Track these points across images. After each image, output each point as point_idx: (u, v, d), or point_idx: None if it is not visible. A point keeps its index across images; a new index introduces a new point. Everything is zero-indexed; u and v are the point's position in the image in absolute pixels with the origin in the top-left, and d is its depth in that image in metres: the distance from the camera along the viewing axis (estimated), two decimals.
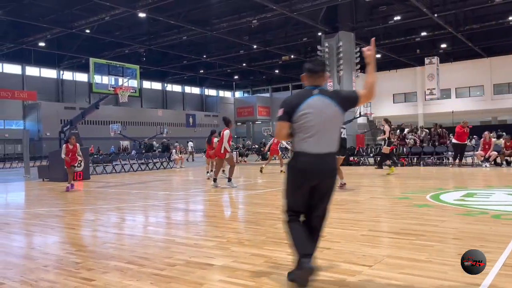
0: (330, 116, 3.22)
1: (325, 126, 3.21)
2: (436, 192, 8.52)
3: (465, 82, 41.51)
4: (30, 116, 39.87)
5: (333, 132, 3.27)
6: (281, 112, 3.27)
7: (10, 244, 5.31)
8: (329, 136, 3.25)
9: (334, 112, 3.24)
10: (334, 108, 3.23)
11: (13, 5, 26.30)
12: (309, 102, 3.20)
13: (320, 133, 3.20)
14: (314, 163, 3.19)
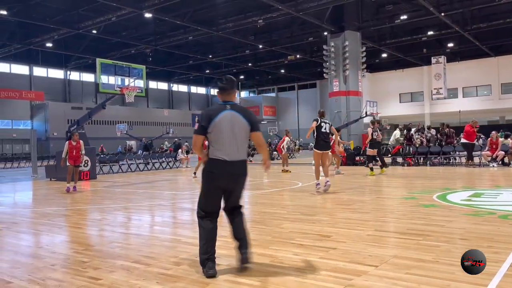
0: (240, 128, 3.71)
1: (235, 137, 3.69)
2: (443, 192, 8.48)
3: (472, 82, 41.22)
4: (37, 116, 40.17)
5: (242, 142, 3.74)
6: (197, 126, 3.76)
7: (18, 243, 5.35)
8: (239, 145, 3.71)
9: (243, 125, 3.73)
10: (243, 122, 3.73)
11: (21, 6, 26.51)
12: (222, 115, 3.68)
13: (231, 143, 3.67)
14: (226, 169, 3.65)
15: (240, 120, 3.73)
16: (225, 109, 3.73)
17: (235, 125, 3.71)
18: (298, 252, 4.33)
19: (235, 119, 3.71)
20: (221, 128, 3.66)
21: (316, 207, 7.28)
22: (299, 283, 3.39)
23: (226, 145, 3.66)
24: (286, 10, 26.14)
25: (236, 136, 3.69)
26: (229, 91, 3.86)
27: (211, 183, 3.70)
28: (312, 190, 9.43)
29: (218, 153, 3.66)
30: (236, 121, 3.72)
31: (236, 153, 3.69)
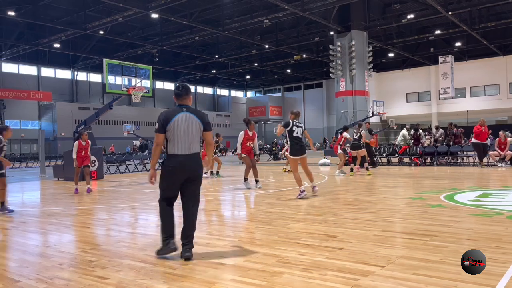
0: (193, 127, 4.32)
1: (190, 135, 4.29)
2: (451, 192, 8.42)
3: (480, 81, 40.91)
4: (45, 116, 40.47)
5: (195, 139, 4.34)
6: (157, 125, 4.31)
7: (26, 243, 5.40)
8: (193, 141, 4.32)
9: (197, 124, 4.35)
10: (197, 121, 4.35)
11: (29, 7, 26.74)
12: (178, 116, 4.30)
13: (186, 140, 4.27)
14: (182, 162, 4.25)
15: (194, 120, 4.34)
16: (181, 111, 4.35)
17: (190, 124, 4.30)
18: (305, 252, 4.32)
19: (189, 119, 4.32)
20: (177, 127, 4.24)
21: (322, 207, 7.26)
22: (306, 283, 3.39)
23: (182, 142, 4.25)
24: (292, 10, 26.12)
25: (190, 134, 4.29)
26: (184, 97, 4.46)
27: (170, 174, 4.26)
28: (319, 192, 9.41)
29: (175, 149, 4.25)
30: (191, 121, 4.32)
31: (190, 148, 4.29)
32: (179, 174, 4.25)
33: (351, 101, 32.38)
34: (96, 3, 26.03)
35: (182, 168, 4.24)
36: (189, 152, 4.28)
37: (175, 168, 4.23)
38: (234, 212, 7.76)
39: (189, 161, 4.27)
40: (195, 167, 4.32)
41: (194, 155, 4.31)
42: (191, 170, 4.28)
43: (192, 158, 4.30)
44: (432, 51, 39.18)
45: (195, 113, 4.41)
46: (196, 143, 4.34)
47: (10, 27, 31.59)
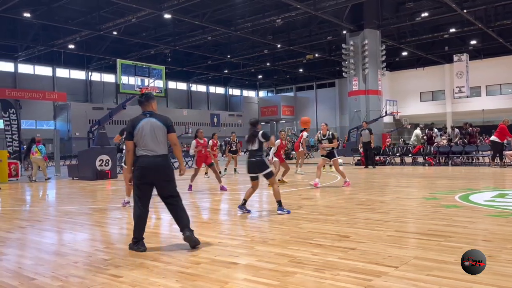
0: (158, 131, 4.69)
1: (155, 137, 4.67)
2: (465, 193, 8.31)
3: (496, 80, 40.23)
4: (60, 116, 40.99)
5: (161, 141, 4.70)
6: (125, 133, 4.81)
7: (41, 241, 5.48)
8: (159, 143, 4.69)
9: (160, 128, 4.71)
10: (160, 125, 4.72)
11: (44, 8, 27.12)
12: (143, 122, 4.70)
13: (152, 142, 4.65)
14: (151, 162, 4.62)
15: (158, 124, 4.71)
16: (145, 117, 4.75)
17: (154, 128, 4.68)
18: (317, 252, 4.31)
19: (153, 124, 4.70)
20: (143, 132, 4.65)
21: (334, 207, 7.23)
22: (318, 283, 3.38)
23: (149, 144, 4.64)
24: (304, 9, 26.02)
25: (156, 137, 4.67)
26: (146, 104, 4.84)
27: (140, 175, 4.64)
28: (327, 190, 9.38)
29: (143, 151, 4.65)
30: (155, 126, 4.70)
31: (157, 149, 4.66)
32: (147, 175, 4.62)
33: (364, 101, 32.14)
34: (109, 4, 26.28)
35: (150, 169, 4.61)
36: (157, 154, 4.65)
37: (143, 168, 4.62)
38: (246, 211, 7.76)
39: (157, 162, 4.64)
40: (163, 168, 4.68)
41: (161, 156, 4.67)
42: (160, 171, 4.65)
43: (159, 159, 4.65)
44: (446, 49, 38.66)
45: (158, 117, 4.78)
46: (162, 145, 4.71)
47: (25, 28, 32.07)
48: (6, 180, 15.18)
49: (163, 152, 4.70)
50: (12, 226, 6.43)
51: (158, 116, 4.81)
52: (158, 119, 4.77)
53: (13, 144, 17.97)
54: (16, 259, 4.63)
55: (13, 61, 38.21)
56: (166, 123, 4.78)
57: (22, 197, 11.23)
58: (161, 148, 4.70)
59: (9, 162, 15.91)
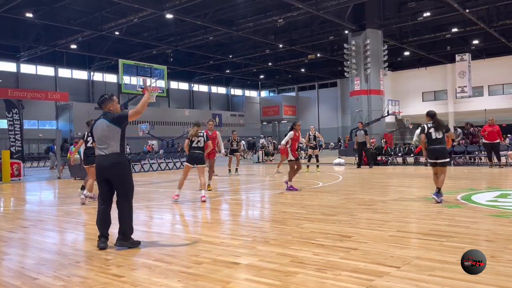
0: (107, 130, 4.80)
1: (103, 137, 4.83)
2: (468, 193, 8.30)
3: (499, 79, 40.13)
4: (62, 116, 41.07)
5: (111, 139, 4.80)
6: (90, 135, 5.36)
7: (43, 241, 5.49)
8: (109, 142, 4.80)
9: (109, 126, 4.80)
10: (108, 124, 4.81)
11: (46, 9, 27.18)
12: (96, 123, 4.96)
13: (103, 141, 4.83)
14: (101, 161, 4.82)
15: (104, 124, 4.84)
16: (99, 118, 4.96)
17: (103, 128, 4.82)
18: (319, 252, 4.31)
19: (101, 124, 4.86)
20: (96, 132, 4.90)
21: (336, 207, 7.22)
22: (320, 284, 3.38)
23: (101, 144, 4.85)
24: (306, 9, 26.01)
25: (103, 137, 4.81)
26: (102, 106, 4.98)
27: (98, 173, 4.89)
28: (328, 190, 9.37)
29: (97, 151, 4.90)
30: (102, 125, 4.84)
31: (108, 148, 4.79)
32: (100, 173, 4.85)
33: (366, 101, 32.11)
34: (111, 4, 26.32)
35: (101, 167, 4.82)
36: (107, 153, 4.79)
37: (99, 167, 4.86)
38: (248, 211, 7.77)
39: (106, 161, 4.77)
40: (112, 166, 4.77)
41: (110, 155, 4.78)
42: (109, 170, 4.77)
43: (108, 159, 4.77)
44: (448, 49, 38.60)
45: (106, 117, 4.89)
46: (111, 144, 4.79)
47: (28, 28, 32.16)
48: (8, 180, 15.22)
49: (113, 151, 4.78)
50: (14, 226, 6.45)
51: (106, 115, 4.88)
52: (105, 118, 4.87)
53: (16, 144, 18.03)
54: (18, 258, 4.65)
55: (16, 61, 38.32)
56: (112, 120, 4.81)
57: (25, 196, 11.25)
58: (111, 147, 4.78)
59: (12, 162, 15.96)
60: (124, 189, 4.85)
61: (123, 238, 4.79)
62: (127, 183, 4.86)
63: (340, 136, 45.43)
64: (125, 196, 4.87)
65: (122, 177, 4.82)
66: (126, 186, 4.85)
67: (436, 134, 7.46)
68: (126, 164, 4.88)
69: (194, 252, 4.49)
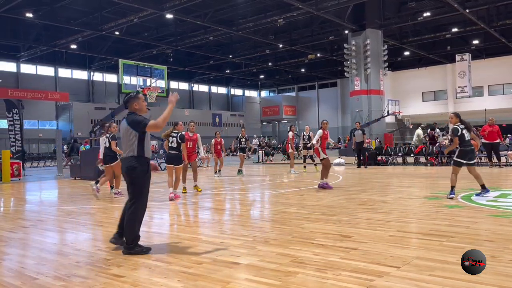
0: (125, 132, 4.73)
1: (123, 139, 4.76)
2: (468, 193, 8.31)
3: (499, 79, 40.12)
4: (62, 116, 41.07)
5: (128, 142, 4.70)
6: None
7: (44, 241, 5.50)
8: (127, 145, 4.71)
9: (126, 129, 4.71)
10: (125, 126, 4.72)
11: (46, 9, 27.18)
12: (121, 123, 4.89)
13: (122, 143, 4.80)
14: (122, 162, 4.85)
15: (125, 125, 4.73)
16: (123, 119, 4.84)
17: (123, 130, 4.75)
18: (319, 252, 4.31)
19: (124, 125, 4.76)
20: (120, 133, 4.89)
21: (337, 207, 7.22)
22: (320, 284, 3.38)
23: (122, 145, 4.81)
24: (306, 9, 26.01)
25: (123, 138, 4.76)
26: (127, 105, 4.84)
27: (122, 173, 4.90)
28: (328, 191, 9.37)
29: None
30: (124, 127, 4.75)
31: (126, 151, 4.72)
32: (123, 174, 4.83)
33: (366, 100, 32.12)
34: (111, 4, 26.32)
35: (122, 168, 4.83)
36: (124, 156, 4.75)
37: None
38: (248, 211, 7.77)
39: (124, 163, 4.75)
40: (126, 169, 4.70)
41: (127, 158, 4.70)
42: (124, 172, 4.73)
43: (125, 161, 4.74)
44: (448, 49, 38.59)
45: (127, 118, 4.78)
46: (129, 146, 4.68)
47: (28, 28, 32.15)
48: (8, 180, 15.22)
49: (128, 154, 4.68)
50: (14, 226, 6.45)
51: (127, 116, 4.78)
52: (125, 119, 4.77)
53: (16, 144, 18.02)
54: (18, 258, 4.65)
55: (16, 61, 38.31)
56: (129, 120, 4.71)
57: (25, 197, 11.26)
58: (128, 150, 4.68)
59: (12, 162, 15.96)
60: (133, 193, 4.66)
61: (125, 245, 4.57)
62: (136, 187, 4.64)
63: (340, 136, 45.43)
64: (132, 200, 4.67)
65: (132, 181, 4.65)
66: (135, 190, 4.64)
67: (468, 135, 7.60)
68: (139, 168, 4.63)
69: (194, 252, 4.49)
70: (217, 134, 14.58)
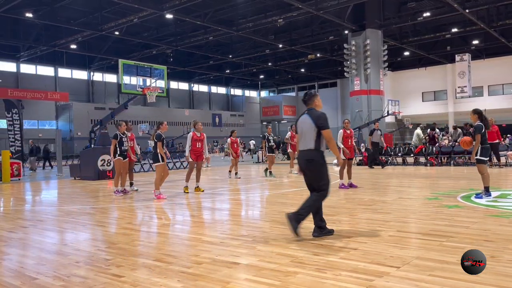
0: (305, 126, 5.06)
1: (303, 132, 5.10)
2: (468, 193, 8.30)
3: (498, 79, 40.13)
4: (62, 116, 41.09)
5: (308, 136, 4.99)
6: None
7: (43, 241, 5.49)
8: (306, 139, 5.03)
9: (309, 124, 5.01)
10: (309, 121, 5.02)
11: (46, 9, 27.18)
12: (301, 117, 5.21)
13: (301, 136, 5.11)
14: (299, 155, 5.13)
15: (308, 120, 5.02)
16: (303, 114, 5.17)
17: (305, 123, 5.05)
18: (318, 252, 4.31)
19: (306, 119, 5.06)
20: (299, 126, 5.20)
21: (336, 207, 7.23)
22: (320, 283, 3.38)
23: (300, 138, 5.11)
24: (306, 9, 26.01)
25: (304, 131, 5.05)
26: (308, 102, 5.18)
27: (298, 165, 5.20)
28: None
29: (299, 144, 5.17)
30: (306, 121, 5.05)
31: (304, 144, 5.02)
32: (299, 165, 5.12)
33: (366, 101, 32.12)
34: (111, 4, 26.32)
35: (299, 160, 5.12)
36: (303, 148, 5.02)
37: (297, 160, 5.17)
38: (248, 211, 7.77)
39: (302, 156, 5.05)
40: (306, 162, 4.98)
41: (306, 151, 4.98)
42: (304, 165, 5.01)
43: (304, 154, 5.01)
44: (448, 49, 38.60)
45: (310, 113, 5.06)
46: (307, 140, 4.97)
47: (27, 28, 32.16)
48: (8, 180, 15.22)
49: (308, 147, 4.95)
50: (14, 226, 6.45)
51: (310, 113, 5.05)
52: (309, 115, 5.03)
53: (16, 144, 18.02)
54: (18, 258, 4.64)
55: (15, 61, 38.32)
56: (314, 118, 4.97)
57: (25, 197, 11.26)
58: (307, 144, 4.96)
59: (12, 162, 15.95)
60: (319, 184, 4.98)
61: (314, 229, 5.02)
62: (321, 179, 4.96)
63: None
64: (317, 190, 5.00)
65: (314, 173, 4.96)
66: (320, 181, 4.96)
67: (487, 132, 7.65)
68: (319, 161, 4.94)
69: (194, 252, 4.49)
70: (234, 133, 13.98)
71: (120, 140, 10.00)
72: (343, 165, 9.90)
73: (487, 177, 7.60)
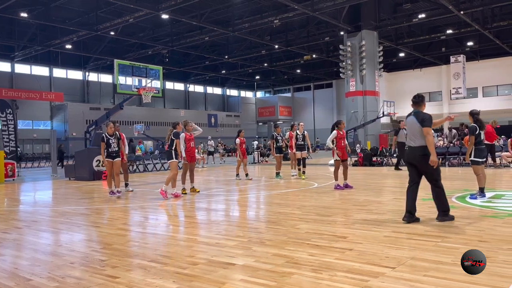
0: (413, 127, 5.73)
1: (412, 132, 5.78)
2: (462, 194, 8.34)
3: (493, 81, 40.38)
4: (57, 116, 40.89)
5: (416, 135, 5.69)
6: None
7: (38, 241, 5.46)
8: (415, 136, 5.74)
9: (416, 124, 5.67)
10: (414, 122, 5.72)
11: (41, 8, 27.07)
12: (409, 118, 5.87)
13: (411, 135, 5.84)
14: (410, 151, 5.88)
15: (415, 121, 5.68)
16: (410, 115, 5.81)
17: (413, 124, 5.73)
18: (314, 252, 4.31)
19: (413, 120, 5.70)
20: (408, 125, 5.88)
21: (332, 208, 7.24)
22: (315, 284, 3.38)
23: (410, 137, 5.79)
24: (302, 10, 26.06)
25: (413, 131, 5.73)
26: (416, 105, 5.78)
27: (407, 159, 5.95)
28: (327, 191, 9.38)
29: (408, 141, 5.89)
30: (413, 122, 5.71)
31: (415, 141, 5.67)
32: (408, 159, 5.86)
33: (361, 101, 32.22)
34: (107, 4, 26.25)
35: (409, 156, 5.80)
36: (413, 145, 5.67)
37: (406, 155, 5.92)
38: (243, 212, 7.76)
39: (414, 152, 5.68)
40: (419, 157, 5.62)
41: (417, 147, 5.62)
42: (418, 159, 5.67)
43: (415, 150, 5.64)
44: (443, 50, 38.80)
45: (416, 115, 5.68)
46: (417, 138, 5.60)
47: (22, 28, 32.00)
48: (2, 181, 15.13)
49: (418, 144, 5.60)
50: (8, 227, 6.41)
51: (416, 113, 5.69)
52: (414, 116, 5.68)
53: (10, 144, 17.92)
54: (12, 259, 4.61)
55: (10, 61, 38.11)
56: (419, 118, 5.61)
57: (19, 197, 11.19)
58: (415, 141, 5.64)
59: (6, 163, 15.86)
60: (433, 176, 5.65)
61: (440, 214, 5.67)
62: (434, 171, 5.61)
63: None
64: (433, 181, 5.70)
65: (429, 167, 5.55)
66: (434, 173, 5.63)
67: (482, 133, 7.81)
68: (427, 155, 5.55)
69: (189, 253, 4.48)
70: (242, 133, 13.33)
71: (107, 142, 9.86)
72: (337, 166, 9.93)
73: (482, 178, 7.64)
